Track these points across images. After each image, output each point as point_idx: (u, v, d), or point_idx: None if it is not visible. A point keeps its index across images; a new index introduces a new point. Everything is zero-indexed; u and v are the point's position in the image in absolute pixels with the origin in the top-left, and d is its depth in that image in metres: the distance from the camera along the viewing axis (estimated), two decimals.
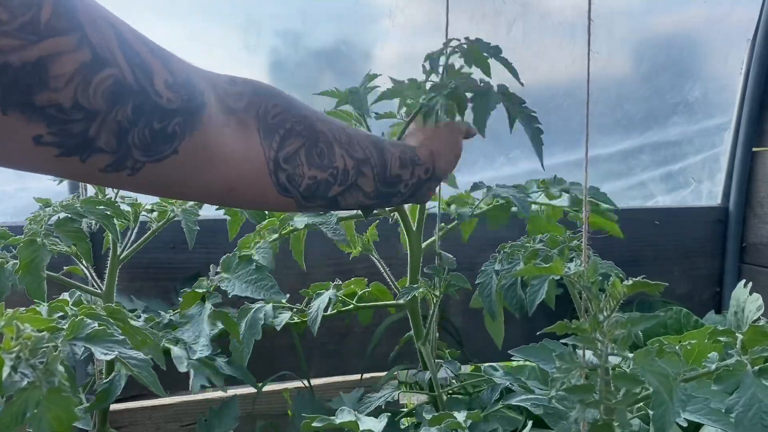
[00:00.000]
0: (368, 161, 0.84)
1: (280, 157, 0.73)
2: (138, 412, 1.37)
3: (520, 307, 0.98)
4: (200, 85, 0.63)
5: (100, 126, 0.53)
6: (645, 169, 1.97)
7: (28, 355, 0.73)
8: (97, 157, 0.55)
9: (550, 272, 0.84)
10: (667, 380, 0.74)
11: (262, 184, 0.73)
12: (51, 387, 0.74)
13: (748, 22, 1.88)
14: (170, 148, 0.60)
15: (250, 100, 0.71)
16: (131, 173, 0.59)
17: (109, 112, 0.53)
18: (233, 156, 0.68)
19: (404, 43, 1.69)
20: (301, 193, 0.77)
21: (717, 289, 1.96)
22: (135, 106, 0.55)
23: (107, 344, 0.78)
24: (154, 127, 0.57)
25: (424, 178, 0.94)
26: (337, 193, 0.82)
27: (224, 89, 0.69)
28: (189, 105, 0.60)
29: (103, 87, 0.52)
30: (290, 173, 0.75)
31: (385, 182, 0.87)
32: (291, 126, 0.75)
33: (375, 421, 0.90)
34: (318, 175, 0.78)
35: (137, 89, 0.55)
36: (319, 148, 0.78)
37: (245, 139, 0.70)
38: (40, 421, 0.73)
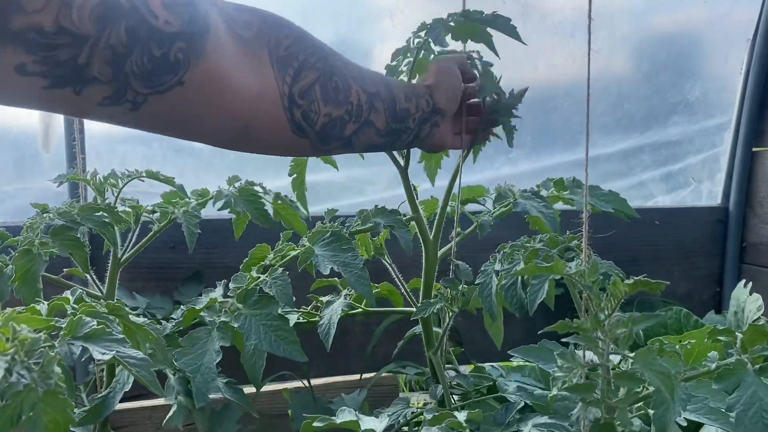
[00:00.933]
0: (379, 95, 0.79)
1: (295, 92, 0.68)
2: (138, 412, 1.37)
3: (520, 307, 0.98)
4: (203, 7, 0.57)
5: (91, 52, 0.48)
6: (645, 169, 1.97)
7: (23, 356, 0.71)
8: (92, 88, 0.50)
9: (551, 272, 0.84)
10: (668, 379, 0.74)
11: (278, 122, 0.67)
12: (47, 389, 0.72)
13: (748, 22, 1.88)
14: (174, 78, 0.54)
15: (259, 29, 0.65)
16: (133, 107, 0.54)
17: (99, 36, 0.48)
18: (246, 89, 0.62)
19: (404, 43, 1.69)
20: (317, 132, 0.72)
21: (717, 289, 1.96)
22: (129, 29, 0.49)
23: (106, 343, 0.76)
24: (153, 53, 0.52)
25: (427, 110, 0.88)
26: (352, 132, 0.76)
27: (231, 15, 0.62)
28: (191, 29, 0.54)
29: (89, 7, 0.47)
30: (306, 110, 0.69)
31: (395, 117, 0.82)
32: (305, 58, 0.69)
33: (376, 421, 0.90)
34: (333, 112, 0.72)
35: (129, 10, 0.50)
36: (334, 82, 0.72)
37: (258, 70, 0.64)
38: (35, 424, 0.71)
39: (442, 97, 0.91)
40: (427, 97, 0.89)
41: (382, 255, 1.26)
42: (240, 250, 1.46)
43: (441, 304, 1.08)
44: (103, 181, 1.14)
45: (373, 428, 0.91)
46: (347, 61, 0.77)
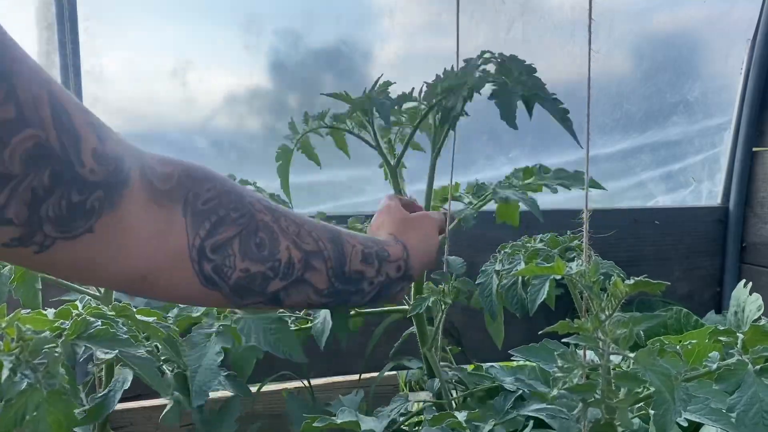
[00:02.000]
0: (320, 254, 0.76)
1: (206, 246, 0.67)
2: (138, 412, 1.37)
3: (520, 307, 0.98)
4: (128, 161, 0.57)
5: (12, 193, 0.47)
6: (645, 168, 1.97)
7: (28, 356, 0.72)
8: (1, 229, 0.49)
9: (552, 272, 0.84)
10: (668, 380, 0.74)
11: (181, 274, 0.66)
12: (51, 389, 0.72)
13: (748, 22, 1.88)
14: (86, 224, 0.54)
15: (179, 182, 0.65)
16: (39, 250, 0.52)
17: (24, 177, 0.48)
18: (149, 240, 0.62)
19: (404, 43, 1.69)
20: (231, 286, 0.70)
21: (717, 289, 1.96)
22: (53, 173, 0.49)
23: (109, 343, 0.76)
24: (71, 199, 0.51)
25: (394, 276, 0.87)
26: (278, 289, 0.74)
27: (152, 168, 0.62)
28: (112, 179, 0.55)
29: (23, 148, 0.47)
30: (218, 264, 0.68)
31: (342, 278, 0.80)
32: (225, 213, 0.68)
33: (376, 421, 0.90)
34: (252, 268, 0.70)
35: (61, 155, 0.49)
36: (259, 238, 0.71)
37: (166, 223, 0.63)
38: (38, 423, 0.71)
39: (416, 264, 0.90)
40: (401, 262, 0.87)
41: None
42: None
43: (434, 298, 1.07)
44: None
45: (373, 428, 0.91)
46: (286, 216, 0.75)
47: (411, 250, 0.89)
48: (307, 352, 1.48)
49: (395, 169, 1.10)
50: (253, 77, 1.61)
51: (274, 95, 1.65)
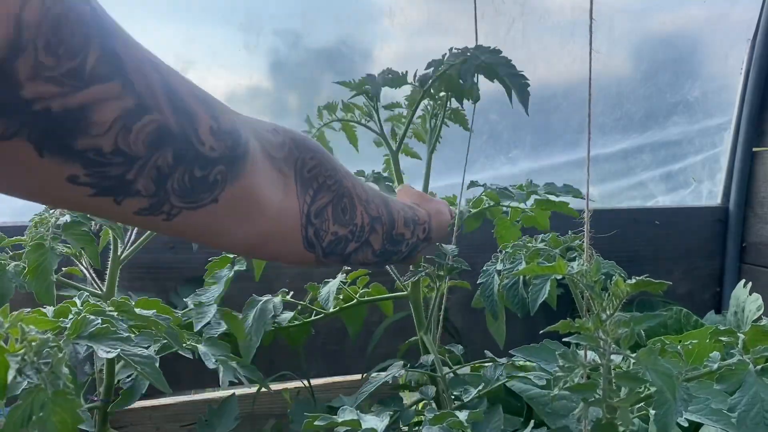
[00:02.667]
0: (380, 219, 0.84)
1: (311, 211, 0.72)
2: (138, 412, 1.37)
3: (522, 307, 0.98)
4: (245, 133, 0.61)
5: (139, 170, 0.52)
6: (645, 168, 1.97)
7: (33, 357, 0.73)
8: (132, 200, 0.53)
9: (553, 271, 0.84)
10: (670, 380, 0.74)
11: (294, 238, 0.72)
12: (56, 389, 0.73)
13: (748, 22, 1.88)
14: (210, 196, 0.58)
15: (290, 150, 0.70)
16: (167, 218, 0.57)
17: (149, 157, 0.52)
18: (272, 207, 0.67)
19: (404, 43, 1.69)
20: (324, 249, 0.76)
21: (717, 289, 1.96)
22: (176, 153, 0.53)
23: (110, 342, 0.77)
24: (194, 174, 0.55)
25: (422, 237, 0.94)
26: (352, 250, 0.81)
27: (267, 138, 0.67)
28: (232, 153, 0.58)
29: (145, 133, 0.51)
30: (317, 228, 0.74)
31: (390, 240, 0.87)
32: (324, 180, 0.74)
33: (377, 420, 0.90)
34: (339, 231, 0.77)
35: (180, 136, 0.53)
36: (344, 203, 0.77)
37: (284, 190, 0.69)
38: (45, 423, 0.72)
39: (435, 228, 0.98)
40: (426, 225, 0.95)
41: None
42: None
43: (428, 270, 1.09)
44: None
45: (374, 427, 0.91)
46: (357, 183, 0.82)
47: (432, 217, 0.97)
48: (307, 352, 1.48)
49: (397, 154, 1.15)
50: (253, 77, 1.61)
51: (274, 95, 1.65)
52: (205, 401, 1.40)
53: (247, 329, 1.13)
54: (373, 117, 1.14)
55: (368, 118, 1.15)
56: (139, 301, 0.97)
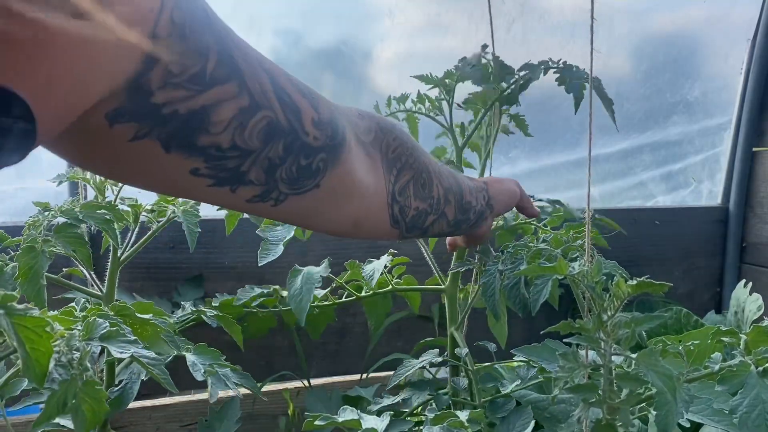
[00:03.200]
0: (452, 189, 0.87)
1: (396, 190, 0.77)
2: (138, 412, 1.37)
3: (523, 307, 0.98)
4: (341, 122, 0.65)
5: (253, 162, 0.56)
6: (645, 168, 1.97)
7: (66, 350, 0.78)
8: (246, 188, 0.58)
9: (555, 272, 0.84)
10: (670, 381, 0.74)
11: (382, 217, 0.77)
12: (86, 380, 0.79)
13: (748, 22, 1.88)
14: (313, 182, 0.63)
15: (376, 134, 0.75)
16: (275, 204, 0.61)
17: (262, 150, 0.56)
18: (366, 189, 0.72)
19: (404, 43, 1.69)
20: (407, 224, 0.81)
21: (717, 289, 1.96)
22: (285, 145, 0.58)
23: (122, 344, 0.81)
24: (300, 163, 0.60)
25: (485, 205, 0.97)
26: (430, 223, 0.85)
27: (356, 123, 0.71)
28: (332, 142, 0.63)
29: (258, 128, 0.55)
30: (402, 205, 0.78)
31: (461, 209, 0.90)
32: (405, 159, 0.78)
33: (377, 420, 0.90)
34: (420, 206, 0.81)
35: (288, 129, 0.57)
36: (423, 179, 0.81)
37: (374, 172, 0.73)
38: (77, 411, 0.78)
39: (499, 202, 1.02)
40: (485, 192, 0.98)
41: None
42: (239, 251, 1.46)
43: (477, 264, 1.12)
44: (103, 180, 1.14)
45: (374, 427, 0.91)
46: (431, 157, 0.86)
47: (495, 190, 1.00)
48: (307, 352, 1.48)
49: (461, 150, 1.19)
50: None
51: None
52: (205, 401, 1.40)
53: (296, 291, 1.15)
54: (443, 111, 1.17)
55: (437, 112, 1.18)
56: (134, 304, 0.98)
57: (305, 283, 1.15)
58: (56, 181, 1.19)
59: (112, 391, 1.07)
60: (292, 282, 1.17)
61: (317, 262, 1.19)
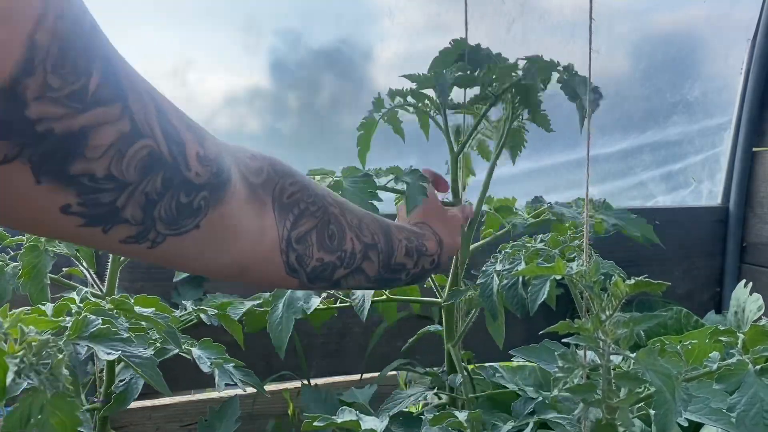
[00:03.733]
0: (375, 246, 0.83)
1: (292, 237, 0.72)
2: (138, 412, 1.37)
3: (521, 307, 0.98)
4: (227, 160, 0.62)
5: (129, 197, 0.52)
6: (645, 168, 1.97)
7: (32, 359, 0.73)
8: (120, 228, 0.54)
9: (552, 272, 0.84)
10: (669, 380, 0.74)
11: (274, 264, 0.72)
12: (55, 392, 0.73)
13: (748, 22, 1.88)
14: (193, 222, 0.59)
15: (268, 176, 0.70)
16: (151, 246, 0.57)
17: (140, 183, 0.52)
18: (250, 232, 0.67)
19: (404, 43, 1.69)
20: (308, 274, 0.76)
21: (717, 289, 1.96)
22: (165, 179, 0.54)
23: (111, 343, 0.77)
24: (180, 200, 0.56)
25: (428, 268, 0.93)
26: (341, 276, 0.81)
27: (246, 164, 0.67)
28: (215, 180, 0.59)
29: (138, 158, 0.51)
30: (300, 254, 0.74)
31: (388, 269, 0.86)
32: (306, 206, 0.74)
33: (377, 421, 0.90)
34: (326, 258, 0.77)
35: (170, 162, 0.54)
36: (331, 230, 0.77)
37: (262, 216, 0.69)
38: (44, 426, 0.72)
39: (445, 259, 0.96)
40: (435, 257, 0.93)
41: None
42: None
43: (471, 292, 1.09)
44: None
45: (373, 428, 0.91)
46: (349, 209, 0.81)
47: (444, 245, 0.95)
48: (307, 352, 1.48)
49: (457, 156, 1.14)
50: (253, 77, 1.61)
51: (274, 95, 1.65)
52: (205, 401, 1.40)
53: (276, 320, 1.13)
54: (440, 112, 1.13)
55: (436, 111, 1.14)
56: (137, 298, 0.97)
57: (287, 310, 1.12)
58: None
59: (116, 387, 1.06)
60: (273, 308, 1.14)
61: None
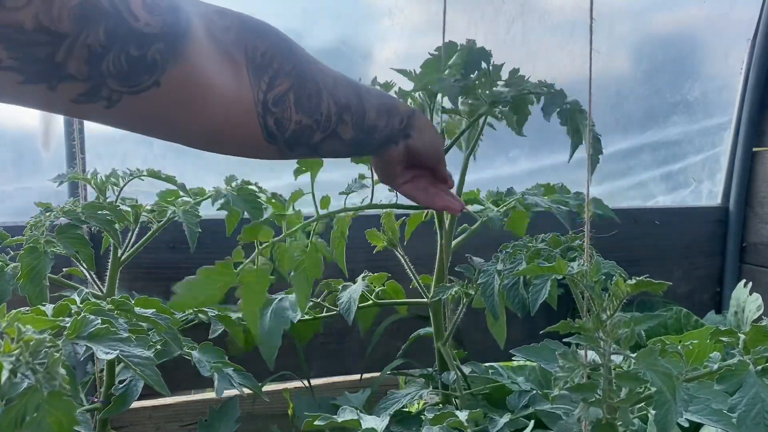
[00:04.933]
0: (349, 108, 0.79)
1: (269, 99, 0.68)
2: (138, 412, 1.37)
3: (522, 307, 0.98)
4: (185, 11, 0.57)
5: (68, 50, 0.48)
6: (645, 168, 1.97)
7: (28, 357, 0.72)
8: (67, 84, 0.50)
9: (554, 271, 0.84)
10: (670, 380, 0.74)
11: (250, 128, 0.67)
12: (52, 390, 0.72)
13: (748, 22, 1.88)
14: (150, 78, 0.54)
15: (238, 33, 0.65)
16: (108, 105, 0.53)
17: (78, 35, 0.48)
18: (222, 93, 0.62)
19: (404, 43, 1.69)
20: (287, 139, 0.72)
21: (717, 289, 1.96)
22: (108, 29, 0.50)
23: (110, 343, 0.77)
24: (130, 53, 0.52)
25: (398, 127, 0.89)
26: (319, 141, 0.76)
27: (212, 19, 0.63)
28: (171, 30, 0.54)
29: (68, 7, 0.47)
30: (278, 117, 0.69)
31: (361, 130, 0.82)
32: (280, 65, 0.69)
33: (377, 420, 0.90)
34: (304, 120, 0.72)
35: (110, 10, 0.50)
36: (308, 90, 0.72)
37: (234, 75, 0.64)
38: (39, 425, 0.71)
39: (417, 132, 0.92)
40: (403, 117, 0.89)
41: (395, 246, 1.26)
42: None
43: (457, 288, 1.10)
44: (104, 180, 1.14)
45: (374, 427, 0.91)
46: (323, 68, 0.76)
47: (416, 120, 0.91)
48: (307, 352, 1.48)
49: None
50: None
51: None
52: (205, 401, 1.40)
53: (264, 331, 1.12)
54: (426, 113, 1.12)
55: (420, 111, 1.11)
56: (138, 299, 0.97)
57: (274, 319, 1.12)
58: (57, 181, 1.19)
59: (116, 389, 1.06)
60: (262, 317, 1.12)
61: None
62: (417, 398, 1.15)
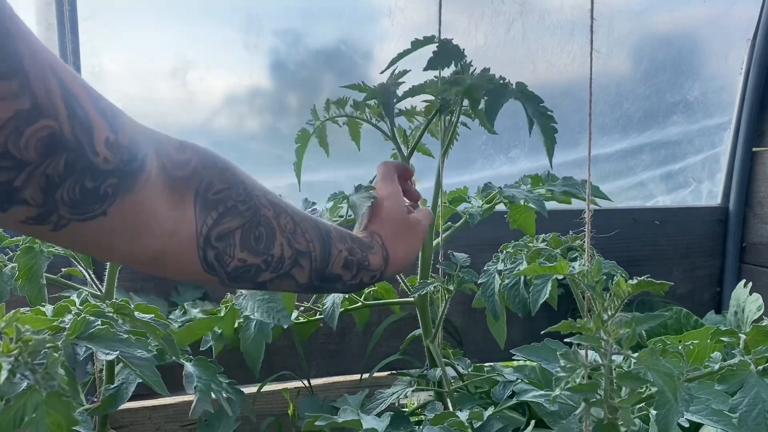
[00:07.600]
0: (308, 254, 0.79)
1: (212, 235, 0.69)
2: (138, 412, 1.37)
3: (523, 307, 0.98)
4: (144, 148, 0.60)
5: (28, 177, 0.50)
6: (645, 168, 1.97)
7: (27, 357, 0.72)
8: (19, 208, 0.52)
9: (554, 271, 0.84)
10: (671, 380, 0.74)
11: (188, 259, 0.69)
12: (50, 391, 0.72)
13: (748, 22, 1.88)
14: (99, 208, 0.56)
15: (194, 170, 0.68)
16: (54, 228, 0.55)
17: (40, 164, 0.50)
18: (162, 226, 0.64)
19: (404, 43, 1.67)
20: (228, 273, 0.73)
21: (717, 289, 1.96)
22: (68, 162, 0.51)
23: (110, 343, 0.77)
24: (85, 185, 0.54)
25: (367, 282, 0.88)
26: (266, 280, 0.78)
27: (169, 155, 0.65)
28: (126, 168, 0.57)
29: (36, 138, 0.49)
30: (219, 252, 0.71)
31: (321, 278, 0.82)
32: (233, 204, 0.71)
33: (378, 420, 0.90)
34: (249, 259, 0.73)
35: (73, 145, 0.52)
36: (258, 231, 0.74)
37: (178, 210, 0.66)
38: (37, 425, 0.72)
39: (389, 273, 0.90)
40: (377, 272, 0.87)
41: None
42: None
43: (437, 283, 1.09)
44: None
45: (374, 427, 0.91)
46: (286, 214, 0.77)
47: (391, 260, 0.88)
48: (307, 352, 1.48)
49: (407, 160, 1.11)
50: (253, 77, 1.61)
51: (274, 95, 1.65)
52: None
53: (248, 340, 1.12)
54: (385, 120, 1.10)
55: (379, 118, 1.11)
56: (138, 305, 0.97)
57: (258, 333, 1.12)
58: None
59: (107, 389, 1.06)
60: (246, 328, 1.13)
61: None
62: (402, 396, 1.15)
